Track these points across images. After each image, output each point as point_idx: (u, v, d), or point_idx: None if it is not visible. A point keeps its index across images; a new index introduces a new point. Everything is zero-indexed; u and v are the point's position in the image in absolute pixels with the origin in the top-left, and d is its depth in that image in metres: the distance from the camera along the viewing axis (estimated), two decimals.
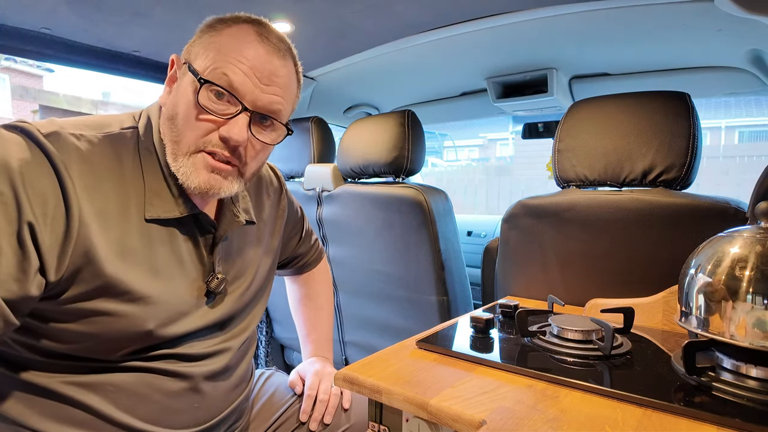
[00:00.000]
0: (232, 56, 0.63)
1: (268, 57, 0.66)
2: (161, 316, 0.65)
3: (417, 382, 0.64)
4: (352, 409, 0.91)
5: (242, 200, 0.80)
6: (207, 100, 0.63)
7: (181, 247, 0.68)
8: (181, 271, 0.68)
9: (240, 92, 0.64)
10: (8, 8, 1.05)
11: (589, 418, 0.54)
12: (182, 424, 0.69)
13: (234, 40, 0.65)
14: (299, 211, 1.03)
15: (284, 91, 0.68)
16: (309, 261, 1.08)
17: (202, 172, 0.65)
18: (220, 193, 0.67)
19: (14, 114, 8.81)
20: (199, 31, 0.68)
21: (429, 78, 1.81)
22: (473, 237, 2.43)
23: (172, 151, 0.65)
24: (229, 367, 0.75)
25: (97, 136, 0.63)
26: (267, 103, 0.66)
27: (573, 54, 1.48)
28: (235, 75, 0.63)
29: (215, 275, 0.71)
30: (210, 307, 0.72)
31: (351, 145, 1.45)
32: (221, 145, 0.65)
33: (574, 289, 1.05)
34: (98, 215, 0.60)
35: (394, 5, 1.15)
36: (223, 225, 0.74)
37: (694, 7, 1.11)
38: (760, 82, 1.46)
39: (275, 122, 0.69)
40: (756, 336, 0.58)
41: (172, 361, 0.68)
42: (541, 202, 1.07)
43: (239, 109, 0.64)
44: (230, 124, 0.64)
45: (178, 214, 0.67)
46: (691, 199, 0.90)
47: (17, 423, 0.61)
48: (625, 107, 1.00)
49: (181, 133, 0.64)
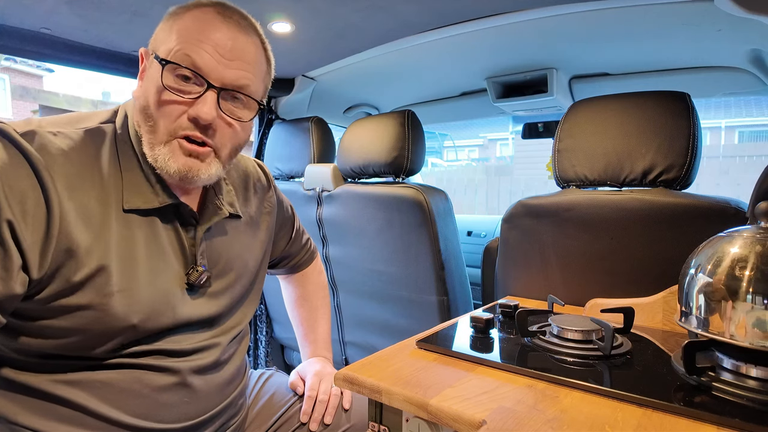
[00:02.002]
0: (194, 37, 0.64)
1: (231, 33, 0.66)
2: (145, 309, 0.65)
3: (417, 382, 0.64)
4: (352, 409, 0.91)
5: (226, 194, 0.80)
6: (172, 82, 0.64)
7: (162, 238, 0.69)
8: (163, 263, 0.68)
9: (204, 71, 0.64)
10: (8, 8, 1.05)
11: (589, 418, 0.54)
12: (173, 418, 0.69)
13: (195, 21, 0.65)
14: (289, 209, 1.02)
15: (251, 66, 0.68)
16: (301, 261, 1.08)
17: (180, 157, 0.65)
18: (200, 176, 0.67)
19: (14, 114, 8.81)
20: (162, 21, 0.69)
21: (429, 78, 1.81)
22: (473, 237, 2.43)
23: (149, 141, 0.66)
24: (219, 362, 0.75)
25: (76, 132, 0.64)
26: (234, 78, 0.66)
27: (573, 54, 1.48)
28: (197, 55, 0.63)
29: (195, 267, 0.71)
30: (195, 300, 0.72)
31: (351, 145, 1.45)
32: (192, 126, 0.65)
33: (574, 289, 1.05)
34: (79, 211, 0.60)
35: (394, 5, 1.15)
36: (205, 215, 0.74)
37: (694, 7, 1.11)
38: (760, 82, 1.46)
39: (246, 98, 0.69)
40: (756, 336, 0.58)
41: (159, 357, 0.68)
42: (541, 202, 1.07)
43: (205, 88, 0.65)
44: (198, 103, 0.64)
45: (158, 204, 0.67)
46: (691, 199, 0.90)
47: (6, 420, 0.62)
48: (625, 107, 1.00)
49: (155, 121, 0.65)
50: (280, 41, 1.33)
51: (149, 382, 0.66)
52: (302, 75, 1.71)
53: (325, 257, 1.58)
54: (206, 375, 0.73)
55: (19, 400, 0.62)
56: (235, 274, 0.79)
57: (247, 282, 0.82)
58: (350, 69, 1.64)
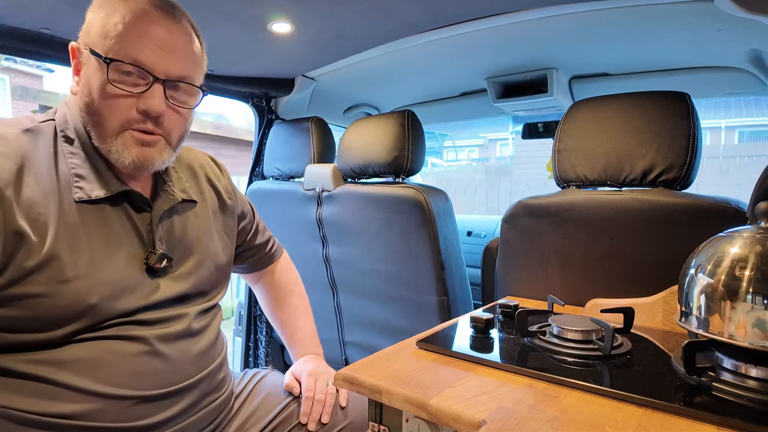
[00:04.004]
0: (132, 33, 0.66)
1: (167, 25, 0.69)
2: (102, 291, 0.66)
3: (417, 382, 0.64)
4: (349, 406, 0.91)
5: (176, 180, 0.83)
6: (117, 77, 0.66)
7: (116, 225, 0.71)
8: (118, 247, 0.70)
9: (148, 66, 0.67)
10: (8, 8, 1.05)
11: (589, 418, 0.54)
12: (147, 386, 0.70)
13: (130, 15, 0.67)
14: (247, 203, 1.04)
15: (189, 55, 0.72)
16: (265, 257, 1.08)
17: (133, 148, 0.69)
18: (155, 164, 0.71)
19: (14, 114, 8.80)
20: (91, 12, 0.70)
21: (429, 78, 1.81)
22: (473, 237, 2.43)
23: (97, 134, 0.69)
24: (190, 332, 0.77)
25: (12, 131, 0.66)
26: (176, 70, 0.70)
27: (573, 54, 1.48)
28: (139, 51, 0.66)
29: (154, 251, 0.73)
30: (160, 282, 0.74)
31: (351, 145, 1.45)
32: (143, 119, 0.69)
33: (574, 289, 1.05)
34: (24, 204, 0.62)
35: (394, 5, 1.15)
36: (158, 203, 0.77)
37: (694, 7, 1.11)
38: (760, 82, 1.46)
39: (189, 86, 0.73)
40: (756, 336, 0.58)
41: (125, 327, 0.69)
42: (541, 202, 1.07)
43: (151, 82, 0.68)
44: (146, 97, 0.68)
45: (107, 193, 0.70)
46: (691, 199, 0.90)
47: None
48: (625, 107, 1.00)
49: (102, 116, 0.68)
50: (280, 41, 1.33)
51: (117, 350, 0.68)
52: (302, 75, 1.71)
53: (325, 257, 1.58)
54: (176, 343, 0.74)
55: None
56: (197, 256, 0.81)
57: (211, 265, 0.84)
58: (350, 69, 1.64)
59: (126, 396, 0.67)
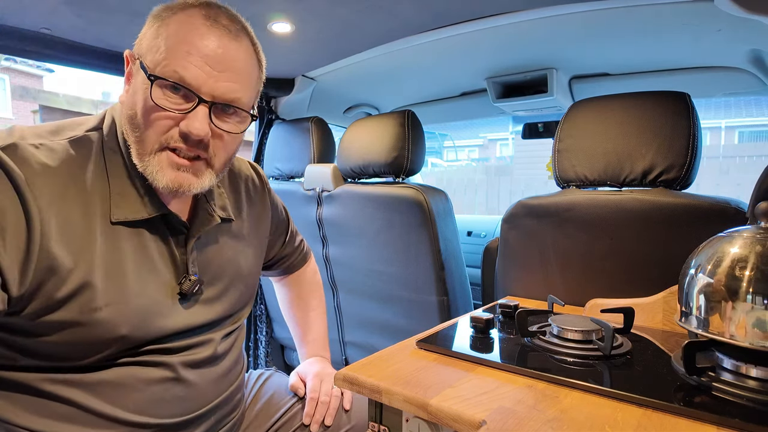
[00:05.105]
0: (181, 48, 0.61)
1: (220, 41, 0.63)
2: (133, 321, 0.64)
3: (417, 382, 0.64)
4: (352, 409, 0.91)
5: (218, 197, 0.79)
6: (161, 96, 0.62)
7: (151, 249, 0.67)
8: (152, 274, 0.67)
9: (194, 85, 0.61)
10: (8, 8, 1.05)
11: (589, 418, 0.54)
12: (169, 413, 0.68)
13: (182, 28, 0.62)
14: (284, 211, 1.01)
15: (242, 76, 0.66)
16: (295, 262, 1.07)
17: (168, 170, 0.63)
18: (191, 190, 0.65)
19: (14, 114, 8.81)
20: (147, 23, 0.66)
21: (429, 78, 1.81)
22: (473, 237, 2.43)
23: (137, 150, 0.64)
24: (215, 357, 0.75)
25: (60, 142, 0.62)
26: (225, 91, 0.63)
27: (573, 54, 1.48)
28: (185, 69, 0.61)
29: (188, 277, 0.70)
30: (188, 309, 0.71)
31: (351, 145, 1.45)
32: (182, 140, 0.63)
33: (574, 289, 1.05)
34: (62, 226, 0.59)
35: (394, 5, 1.15)
36: (196, 225, 0.72)
37: (694, 7, 1.11)
38: (760, 82, 1.46)
39: (237, 109, 0.67)
40: (756, 336, 0.58)
41: (152, 354, 0.67)
42: (541, 202, 1.07)
43: (196, 102, 0.62)
44: (189, 119, 0.62)
45: (146, 215, 0.66)
46: (691, 199, 0.90)
47: (2, 420, 0.62)
48: (625, 107, 1.00)
49: (143, 132, 0.63)
50: (280, 41, 1.33)
51: (142, 376, 0.66)
52: (302, 75, 1.71)
53: (325, 257, 1.58)
54: (201, 369, 0.72)
55: (14, 399, 0.62)
56: (228, 278, 0.78)
57: (241, 285, 0.81)
58: (350, 69, 1.64)
59: (145, 424, 0.66)
